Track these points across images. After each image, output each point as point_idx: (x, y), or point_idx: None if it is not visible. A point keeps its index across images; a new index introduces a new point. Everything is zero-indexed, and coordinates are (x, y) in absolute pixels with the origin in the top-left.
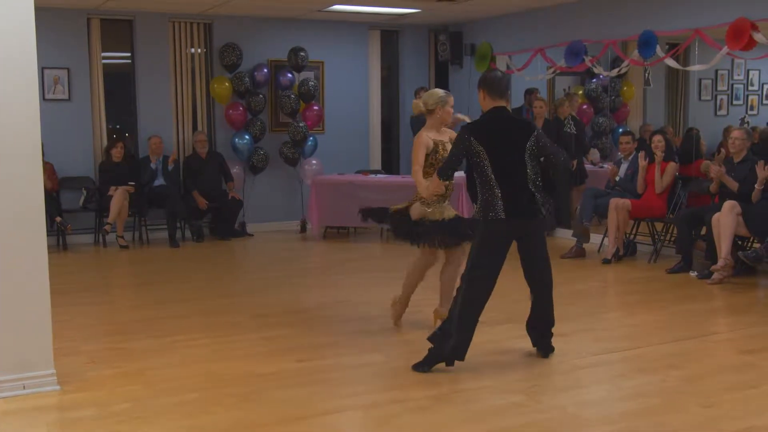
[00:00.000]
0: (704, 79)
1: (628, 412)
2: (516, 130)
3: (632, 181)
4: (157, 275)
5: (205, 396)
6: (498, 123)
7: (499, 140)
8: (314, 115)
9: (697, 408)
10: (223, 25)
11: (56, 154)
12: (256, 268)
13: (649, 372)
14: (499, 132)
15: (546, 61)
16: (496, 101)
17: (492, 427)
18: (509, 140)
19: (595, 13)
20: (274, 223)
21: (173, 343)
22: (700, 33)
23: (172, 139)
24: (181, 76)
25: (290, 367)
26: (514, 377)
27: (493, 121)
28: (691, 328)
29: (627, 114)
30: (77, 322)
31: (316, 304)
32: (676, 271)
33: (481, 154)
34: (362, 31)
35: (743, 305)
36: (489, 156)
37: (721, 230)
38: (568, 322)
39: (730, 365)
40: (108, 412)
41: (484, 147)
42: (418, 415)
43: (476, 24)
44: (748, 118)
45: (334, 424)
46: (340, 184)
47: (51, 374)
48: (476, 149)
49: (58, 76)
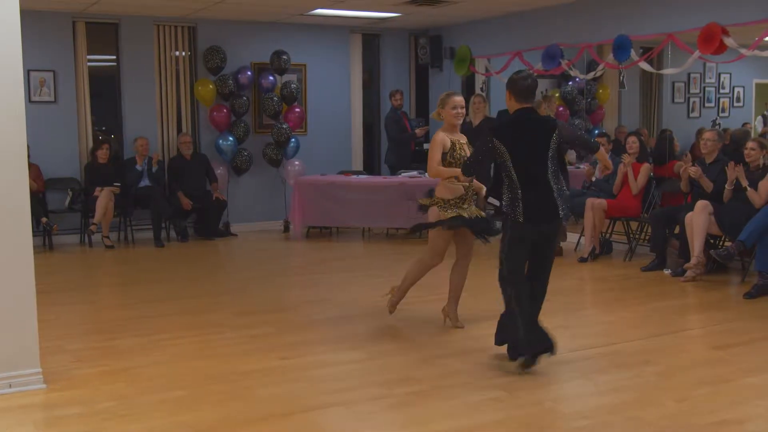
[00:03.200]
0: (677, 82)
1: (603, 406)
2: (540, 130)
3: (608, 181)
4: (142, 275)
5: (190, 393)
6: (522, 124)
7: (522, 141)
8: (297, 116)
9: (670, 402)
10: (207, 28)
11: (42, 156)
12: (240, 267)
13: (625, 367)
14: (522, 133)
15: (524, 64)
16: (521, 103)
17: (471, 422)
18: (532, 142)
19: (572, 17)
20: (258, 223)
21: (158, 341)
22: (672, 37)
23: (156, 140)
24: (166, 79)
25: (274, 365)
26: (492, 373)
27: (517, 122)
28: (665, 325)
29: (602, 116)
30: (63, 321)
31: (299, 303)
32: (650, 269)
33: (504, 155)
34: (344, 34)
35: (715, 302)
36: (512, 157)
37: (694, 229)
38: (545, 319)
39: (703, 360)
40: (93, 410)
41: (507, 148)
42: (399, 410)
43: (455, 28)
44: (720, 120)
45: (318, 420)
46: (323, 185)
47: (37, 373)
48: (499, 150)
49: (44, 79)
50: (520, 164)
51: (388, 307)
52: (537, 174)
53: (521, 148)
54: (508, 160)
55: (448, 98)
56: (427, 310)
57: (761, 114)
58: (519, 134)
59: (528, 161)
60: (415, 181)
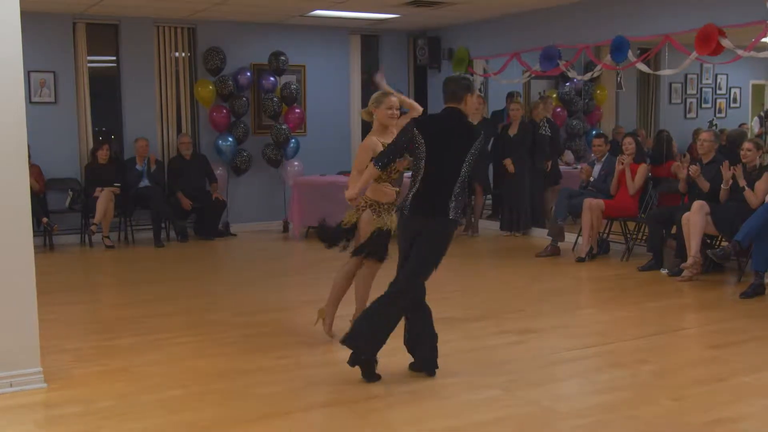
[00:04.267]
0: (674, 83)
1: (600, 405)
2: (461, 132)
3: (605, 181)
4: (141, 275)
5: (189, 393)
6: (444, 122)
7: (440, 138)
8: (296, 117)
9: (666, 401)
10: (206, 29)
11: (43, 156)
12: (239, 267)
13: (621, 367)
14: (442, 130)
15: (521, 65)
16: (448, 102)
17: (469, 421)
18: (450, 140)
19: (569, 19)
20: (257, 224)
21: (157, 340)
22: (669, 38)
23: (156, 141)
24: (166, 80)
25: (272, 364)
26: (490, 372)
27: (441, 119)
28: (662, 324)
29: (600, 117)
30: (63, 320)
31: (298, 302)
32: (647, 268)
33: (421, 147)
34: (343, 35)
35: (712, 302)
36: (427, 151)
37: (691, 229)
38: (542, 319)
39: (699, 359)
40: (93, 409)
41: (425, 140)
42: (397, 409)
43: (454, 29)
44: (716, 120)
45: (316, 419)
46: (322, 185)
47: (37, 372)
48: (418, 141)
49: (45, 80)
50: (431, 159)
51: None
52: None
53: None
54: (422, 153)
55: (383, 98)
56: None
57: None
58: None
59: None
60: None
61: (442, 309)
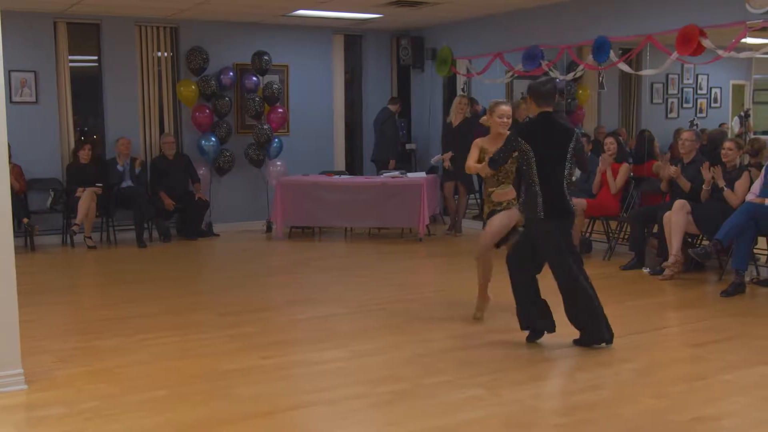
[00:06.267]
0: (656, 83)
1: (583, 403)
2: (560, 133)
3: (587, 181)
4: (124, 275)
5: (172, 393)
6: (544, 127)
7: (544, 143)
8: (279, 117)
9: (649, 399)
10: (189, 29)
11: (24, 156)
12: (223, 267)
13: (604, 365)
14: (544, 135)
15: (504, 65)
16: (541, 107)
17: (453, 420)
18: (553, 143)
19: (552, 19)
20: (240, 224)
21: (141, 341)
22: (651, 39)
23: (139, 140)
24: (148, 79)
25: (256, 364)
26: (474, 371)
27: (540, 125)
28: (644, 323)
29: (582, 116)
30: (45, 321)
31: (282, 302)
32: (629, 267)
33: (528, 153)
34: (326, 35)
35: (693, 300)
36: (535, 157)
37: (672, 228)
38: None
39: (681, 358)
40: (75, 410)
41: (531, 147)
42: (380, 409)
43: (437, 29)
44: (697, 120)
45: (299, 419)
46: (305, 185)
47: (18, 374)
48: (524, 148)
49: (25, 79)
50: (541, 164)
51: None
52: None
53: (543, 148)
54: (531, 159)
55: (495, 107)
56: (407, 310)
57: (738, 115)
58: (542, 135)
59: (548, 161)
60: (397, 182)
61: (426, 308)
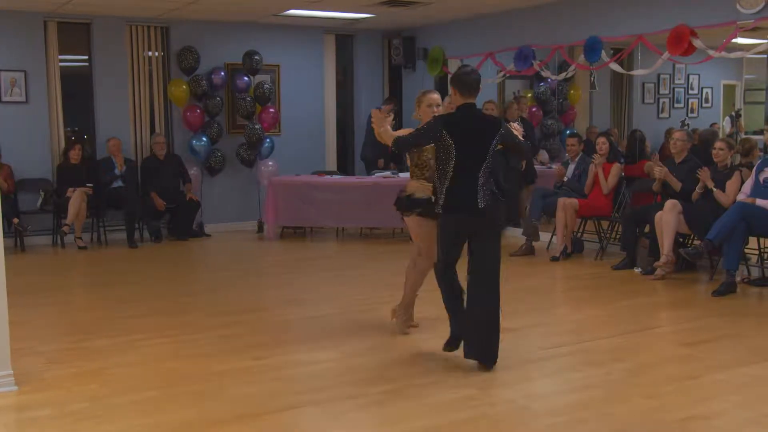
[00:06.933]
0: (647, 83)
1: (574, 403)
2: (486, 126)
3: (579, 181)
4: (115, 275)
5: (163, 394)
6: (468, 119)
7: (467, 136)
8: (270, 117)
9: (640, 399)
10: (180, 29)
11: (14, 156)
12: (214, 267)
13: (595, 365)
14: (468, 128)
15: (496, 65)
16: (465, 98)
17: (444, 420)
18: (476, 137)
19: (543, 19)
20: (232, 224)
21: (131, 342)
22: (642, 39)
23: (130, 140)
24: (139, 79)
25: (247, 365)
26: (465, 371)
27: (465, 117)
28: (635, 322)
29: (574, 116)
30: (35, 322)
31: (273, 303)
32: (621, 267)
33: (450, 147)
34: (317, 35)
35: (684, 300)
36: (457, 151)
37: (664, 228)
38: (518, 318)
39: (672, 357)
40: (66, 412)
41: (454, 141)
42: (372, 410)
43: (429, 29)
44: (689, 120)
45: (291, 420)
46: (297, 185)
47: (8, 375)
48: (446, 142)
49: (15, 79)
50: (461, 158)
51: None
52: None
53: (467, 142)
54: (452, 153)
55: (423, 96)
56: None
57: (729, 115)
58: (466, 128)
59: (470, 155)
60: (389, 182)
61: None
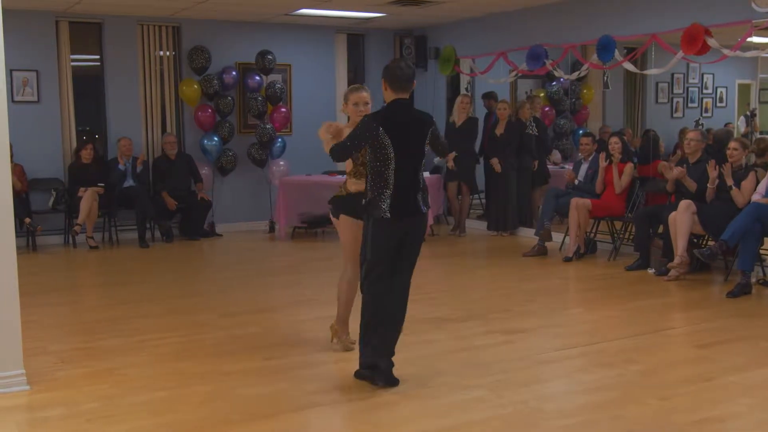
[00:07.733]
0: (661, 83)
1: (587, 405)
2: (418, 122)
3: (592, 181)
4: (126, 275)
5: (174, 394)
6: (402, 116)
7: (402, 134)
8: (282, 117)
9: (653, 401)
10: (191, 28)
11: (25, 156)
12: (225, 267)
13: (608, 366)
14: (403, 125)
15: (508, 65)
16: (397, 93)
17: (456, 421)
18: (412, 134)
19: (556, 18)
20: (243, 224)
21: (142, 342)
22: (656, 38)
23: (141, 140)
24: (150, 79)
25: (258, 365)
26: (476, 373)
27: (398, 113)
28: (649, 324)
29: (587, 116)
30: (47, 322)
31: (284, 303)
32: (634, 268)
33: (387, 147)
34: (329, 34)
35: (698, 301)
36: (395, 149)
37: (678, 228)
38: (529, 319)
39: (686, 359)
40: (77, 411)
41: (391, 139)
42: (384, 410)
43: (440, 28)
44: (703, 120)
45: (302, 421)
46: (308, 185)
47: (20, 374)
48: (383, 141)
49: (27, 78)
50: (400, 156)
51: None
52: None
53: (402, 139)
54: (390, 152)
55: (350, 94)
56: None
57: (743, 114)
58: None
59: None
60: None
61: (429, 309)
